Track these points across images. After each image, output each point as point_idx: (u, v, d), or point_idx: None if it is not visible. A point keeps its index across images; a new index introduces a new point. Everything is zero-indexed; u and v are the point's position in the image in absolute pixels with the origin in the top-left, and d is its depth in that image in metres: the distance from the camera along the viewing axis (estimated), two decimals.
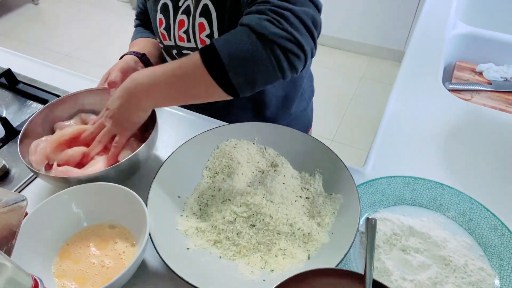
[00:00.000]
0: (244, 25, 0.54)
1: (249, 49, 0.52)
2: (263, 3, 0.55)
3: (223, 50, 0.53)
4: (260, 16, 0.53)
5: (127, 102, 0.60)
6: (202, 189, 0.63)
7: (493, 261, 0.55)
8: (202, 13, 0.69)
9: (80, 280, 0.51)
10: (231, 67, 0.53)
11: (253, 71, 0.54)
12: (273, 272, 0.52)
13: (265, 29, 0.52)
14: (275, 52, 0.53)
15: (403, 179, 0.64)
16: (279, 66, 0.54)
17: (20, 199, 0.49)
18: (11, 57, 0.97)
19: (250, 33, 0.52)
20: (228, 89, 0.55)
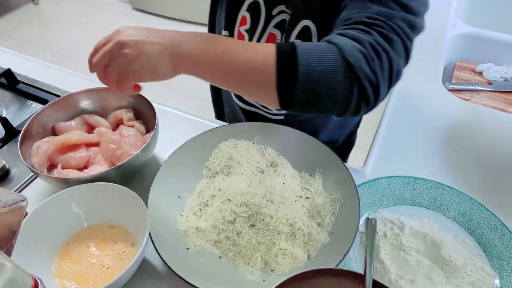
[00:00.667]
0: (334, 45, 0.47)
1: (329, 71, 0.46)
2: (364, 32, 0.49)
3: (303, 59, 0.46)
4: (356, 45, 0.47)
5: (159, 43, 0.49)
6: (202, 189, 0.63)
7: (493, 261, 0.55)
8: (299, 35, 0.63)
9: (80, 280, 0.51)
10: (303, 81, 0.46)
11: (319, 95, 0.47)
12: (273, 272, 0.52)
13: (356, 61, 0.46)
14: (352, 89, 0.47)
15: (403, 179, 0.64)
16: (347, 103, 0.48)
17: (20, 199, 0.49)
18: (11, 57, 0.97)
19: (337, 56, 0.46)
20: (284, 100, 0.48)
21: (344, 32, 0.50)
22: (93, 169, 0.62)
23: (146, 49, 0.49)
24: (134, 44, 0.49)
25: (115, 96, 0.71)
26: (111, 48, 0.50)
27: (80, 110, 0.71)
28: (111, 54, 0.50)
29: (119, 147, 0.63)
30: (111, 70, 0.50)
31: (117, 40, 0.49)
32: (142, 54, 0.49)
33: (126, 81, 0.51)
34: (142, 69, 0.49)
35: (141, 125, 0.69)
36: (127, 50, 0.49)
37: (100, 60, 0.51)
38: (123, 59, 0.49)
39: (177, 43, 0.49)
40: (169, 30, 0.51)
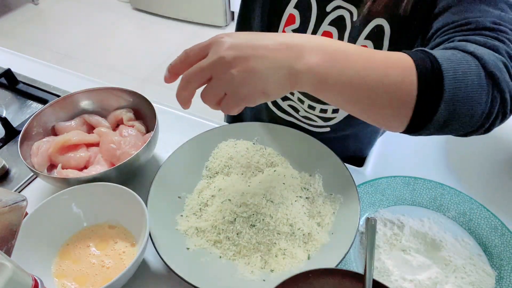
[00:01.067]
0: (469, 54, 0.40)
1: (474, 86, 0.39)
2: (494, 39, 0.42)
3: (449, 74, 0.38)
4: (496, 55, 0.41)
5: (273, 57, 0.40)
6: (202, 189, 0.63)
7: (493, 261, 0.55)
8: (370, 35, 0.56)
9: (80, 280, 0.51)
10: (448, 100, 0.38)
11: (460, 114, 0.40)
12: (273, 272, 0.52)
13: (500, 73, 0.39)
14: (494, 104, 0.40)
15: (403, 179, 0.64)
16: (484, 121, 0.41)
17: (20, 199, 0.49)
18: (11, 57, 0.97)
19: (479, 68, 0.39)
20: (417, 123, 0.41)
21: (470, 38, 0.43)
22: (93, 169, 0.62)
23: (257, 67, 0.39)
24: (242, 61, 0.39)
25: (115, 96, 0.71)
26: (212, 65, 0.40)
27: (80, 110, 0.71)
28: (212, 72, 0.40)
29: (119, 147, 0.63)
30: (211, 91, 0.42)
31: (219, 55, 0.39)
32: (252, 75, 0.39)
33: (231, 105, 0.42)
34: (252, 93, 0.41)
35: (141, 125, 0.69)
36: (233, 71, 0.39)
37: (196, 78, 0.41)
38: (227, 82, 0.40)
39: (297, 54, 0.40)
40: (279, 34, 0.42)
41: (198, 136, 0.66)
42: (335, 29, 0.60)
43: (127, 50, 2.64)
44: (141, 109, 0.71)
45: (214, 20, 2.76)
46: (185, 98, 0.43)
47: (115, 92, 0.71)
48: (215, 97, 0.42)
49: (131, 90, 0.70)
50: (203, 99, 0.43)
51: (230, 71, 0.39)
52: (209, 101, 0.43)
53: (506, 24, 0.43)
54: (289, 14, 0.61)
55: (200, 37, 2.75)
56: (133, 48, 2.67)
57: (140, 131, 0.68)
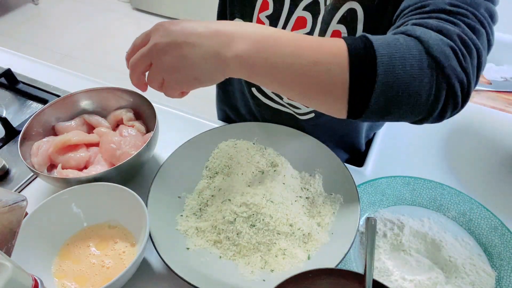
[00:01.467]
0: (415, 38, 0.39)
1: (413, 71, 0.38)
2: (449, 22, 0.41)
3: (383, 58, 0.38)
4: (443, 38, 0.39)
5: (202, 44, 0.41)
6: (202, 189, 0.63)
7: (493, 261, 0.55)
8: (343, 19, 0.55)
9: (80, 280, 0.51)
10: (382, 84, 0.38)
11: (399, 100, 0.39)
12: (273, 272, 0.52)
13: (446, 58, 0.38)
14: (439, 91, 0.39)
15: (403, 179, 0.64)
16: (431, 108, 0.40)
17: (20, 199, 0.49)
18: (11, 57, 0.97)
19: (422, 52, 0.38)
20: (355, 108, 0.40)
21: (422, 22, 0.41)
22: (93, 169, 0.62)
23: (187, 55, 0.41)
24: (174, 48, 0.41)
25: (115, 96, 0.71)
26: (149, 51, 0.43)
27: (80, 110, 0.71)
28: (150, 59, 0.43)
29: (119, 147, 0.63)
30: (151, 76, 0.44)
31: (154, 42, 0.42)
32: (184, 61, 0.41)
33: (169, 89, 0.45)
34: (185, 78, 0.43)
35: (141, 125, 0.69)
36: (167, 57, 0.42)
37: (138, 64, 0.44)
38: (163, 67, 0.43)
39: (226, 41, 0.41)
40: (214, 22, 0.43)
41: (198, 136, 0.66)
42: (310, 14, 0.58)
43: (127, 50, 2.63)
44: (141, 109, 0.71)
45: (214, 20, 2.75)
46: (137, 83, 0.46)
47: (115, 92, 0.71)
48: (155, 82, 0.45)
49: (131, 90, 0.70)
50: (148, 83, 0.46)
51: (163, 57, 0.42)
52: (152, 85, 0.46)
53: (465, 6, 0.42)
54: (262, 0, 0.60)
55: None
56: None
57: (140, 131, 0.68)
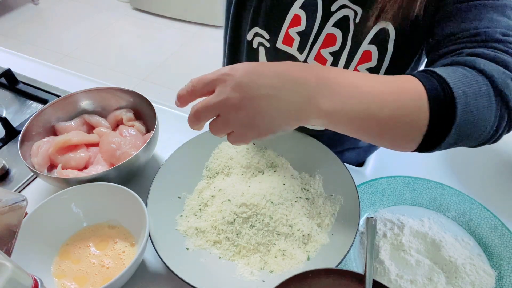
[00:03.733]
0: (480, 72, 0.40)
1: (485, 110, 0.39)
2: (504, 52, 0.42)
3: (461, 100, 0.38)
4: (505, 72, 0.41)
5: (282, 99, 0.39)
6: (202, 189, 0.63)
7: (493, 261, 0.55)
8: (374, 39, 0.54)
9: (80, 280, 0.51)
10: (458, 125, 0.39)
11: (469, 135, 0.41)
12: (272, 272, 0.52)
13: (510, 91, 0.40)
14: (501, 122, 0.41)
15: (403, 179, 0.64)
16: (491, 137, 0.42)
17: (20, 199, 0.49)
18: (11, 57, 0.97)
19: (489, 88, 0.39)
20: (425, 147, 0.42)
21: (479, 52, 0.42)
22: (93, 169, 0.62)
23: (264, 110, 0.39)
24: (248, 103, 0.39)
25: (115, 96, 0.71)
26: (219, 105, 0.40)
27: (80, 110, 0.71)
28: (219, 111, 0.41)
29: (119, 147, 0.63)
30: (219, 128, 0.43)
31: (225, 96, 0.40)
32: (260, 117, 0.40)
33: (237, 140, 0.43)
34: (259, 133, 0.41)
35: (141, 125, 0.69)
36: (240, 114, 0.40)
37: (204, 114, 0.42)
38: (235, 122, 0.41)
39: (305, 95, 0.39)
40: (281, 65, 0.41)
41: (198, 136, 0.66)
42: (339, 31, 0.57)
43: (127, 50, 2.64)
44: (141, 109, 0.71)
45: (214, 20, 2.76)
46: (196, 129, 0.45)
47: (115, 92, 0.71)
48: (222, 132, 0.43)
49: (131, 90, 0.70)
50: (211, 130, 0.44)
51: (237, 114, 0.40)
52: (216, 134, 0.44)
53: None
54: (294, 15, 0.57)
55: (200, 37, 2.75)
56: (133, 48, 2.67)
57: (140, 131, 0.68)
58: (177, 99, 0.45)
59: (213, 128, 0.43)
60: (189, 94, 0.43)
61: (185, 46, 2.67)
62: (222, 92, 0.40)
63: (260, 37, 0.61)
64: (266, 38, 0.61)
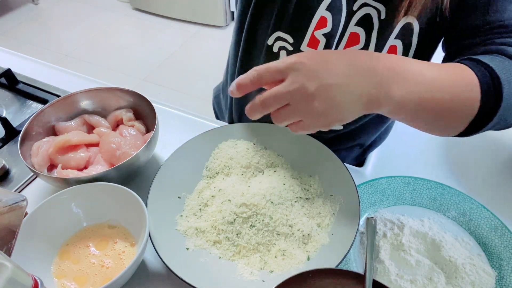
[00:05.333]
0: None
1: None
2: None
3: (505, 87, 0.42)
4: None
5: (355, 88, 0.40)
6: (202, 189, 0.63)
7: (493, 261, 0.55)
8: (400, 34, 0.55)
9: (80, 280, 0.51)
10: (503, 109, 0.43)
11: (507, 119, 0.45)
12: (272, 273, 0.52)
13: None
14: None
15: (403, 179, 0.64)
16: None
17: (20, 199, 0.49)
18: (11, 57, 0.97)
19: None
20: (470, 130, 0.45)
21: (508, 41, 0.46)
22: (93, 169, 0.62)
23: (337, 98, 0.39)
24: (322, 92, 0.39)
25: (115, 96, 0.71)
26: (292, 94, 0.40)
27: (80, 110, 0.71)
28: (290, 100, 0.41)
29: (119, 147, 0.63)
30: (286, 117, 0.42)
31: (300, 85, 0.39)
32: (334, 107, 0.40)
33: (304, 129, 0.43)
34: (330, 122, 0.41)
35: (141, 125, 0.69)
36: (316, 102, 0.39)
37: (273, 103, 0.41)
38: (308, 112, 0.41)
39: (377, 82, 0.40)
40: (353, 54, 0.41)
41: (198, 136, 0.66)
42: (362, 30, 0.57)
43: (127, 50, 2.64)
44: (141, 109, 0.71)
45: (214, 20, 2.76)
46: (257, 117, 0.44)
47: (115, 92, 0.71)
48: (289, 121, 0.43)
49: (131, 90, 0.70)
50: (275, 119, 0.43)
51: (312, 103, 0.40)
52: (281, 123, 0.44)
53: None
54: (320, 17, 0.56)
55: (200, 37, 2.75)
56: (133, 48, 2.67)
57: (140, 131, 0.68)
58: (237, 87, 0.44)
59: (280, 117, 0.43)
60: (253, 83, 0.42)
61: (185, 46, 2.67)
62: (296, 81, 0.39)
63: (283, 41, 0.61)
64: (289, 42, 0.60)
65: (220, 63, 0.80)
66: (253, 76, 0.42)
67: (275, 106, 0.42)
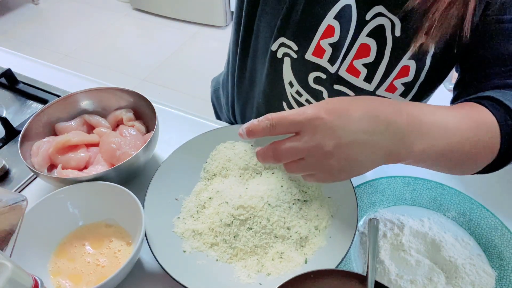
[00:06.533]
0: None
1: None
2: None
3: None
4: None
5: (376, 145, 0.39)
6: (200, 191, 0.62)
7: (493, 261, 0.55)
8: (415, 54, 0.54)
9: (75, 278, 0.51)
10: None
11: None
12: (269, 275, 0.52)
13: None
14: None
15: (403, 179, 0.64)
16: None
17: (20, 199, 0.49)
18: (11, 57, 0.97)
19: None
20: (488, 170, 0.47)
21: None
22: (93, 169, 0.62)
23: (355, 156, 0.39)
24: (341, 150, 0.38)
25: (115, 96, 0.71)
26: (308, 150, 0.39)
27: (80, 110, 0.71)
28: (304, 155, 0.40)
29: (119, 147, 0.63)
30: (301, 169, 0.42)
31: (317, 143, 0.38)
32: (352, 164, 0.39)
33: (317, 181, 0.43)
34: (346, 177, 0.41)
35: (141, 125, 0.69)
36: (333, 161, 0.39)
37: (287, 156, 0.41)
38: (324, 169, 0.40)
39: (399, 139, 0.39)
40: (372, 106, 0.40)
41: (196, 138, 0.66)
42: (374, 41, 0.55)
43: (127, 50, 2.64)
44: (141, 109, 0.71)
45: (214, 20, 2.76)
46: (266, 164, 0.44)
47: (115, 92, 0.71)
48: (302, 173, 0.43)
49: (131, 90, 0.70)
50: (287, 170, 0.43)
51: (326, 161, 0.39)
52: (293, 173, 0.44)
53: None
54: (327, 26, 0.54)
55: (200, 37, 2.75)
56: (133, 48, 2.67)
57: (140, 131, 0.68)
58: (247, 133, 0.43)
59: (293, 169, 0.42)
60: (265, 132, 0.41)
61: (185, 46, 2.67)
62: (313, 138, 0.39)
63: (287, 47, 0.59)
64: (293, 49, 0.58)
65: (220, 63, 0.80)
66: (266, 126, 0.41)
67: (289, 158, 0.41)
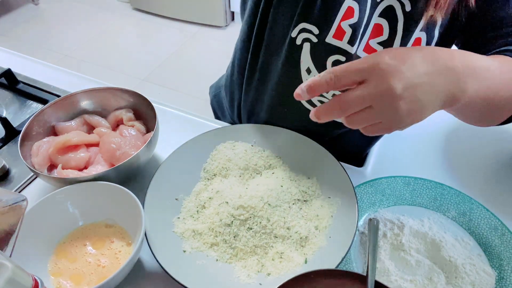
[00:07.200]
0: None
1: None
2: None
3: None
4: None
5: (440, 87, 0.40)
6: (200, 191, 0.62)
7: (493, 261, 0.55)
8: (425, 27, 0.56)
9: (76, 278, 0.51)
10: None
11: None
12: (269, 275, 0.52)
13: None
14: None
15: (403, 179, 0.64)
16: None
17: (20, 199, 0.49)
18: (11, 57, 0.97)
19: None
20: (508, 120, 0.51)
21: None
22: (93, 169, 0.62)
23: (422, 98, 0.39)
24: (409, 92, 0.38)
25: (115, 96, 0.71)
26: (378, 96, 0.38)
27: (80, 110, 0.71)
28: (375, 102, 0.39)
29: (119, 147, 0.63)
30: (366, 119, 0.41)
31: (387, 87, 0.38)
32: (418, 106, 0.40)
33: (380, 131, 0.42)
34: (411, 122, 0.41)
35: (141, 125, 0.69)
36: (401, 103, 0.38)
37: (355, 106, 0.40)
38: (392, 113, 0.39)
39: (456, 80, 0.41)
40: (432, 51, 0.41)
41: (196, 137, 0.66)
42: (386, 21, 0.57)
43: (127, 50, 2.64)
44: (141, 109, 0.71)
45: (214, 20, 2.76)
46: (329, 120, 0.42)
47: (115, 92, 0.71)
48: (367, 124, 0.41)
49: (131, 90, 0.70)
50: (351, 123, 0.42)
51: (398, 104, 0.38)
52: (357, 126, 0.42)
53: None
54: (347, 7, 0.55)
55: (200, 37, 2.75)
56: (133, 48, 2.67)
57: (140, 131, 0.68)
58: (308, 90, 0.41)
59: (359, 120, 0.41)
60: (329, 84, 0.40)
61: (185, 46, 2.67)
62: (382, 82, 0.38)
63: (308, 32, 0.59)
64: (314, 33, 0.59)
65: (220, 63, 0.80)
66: (330, 79, 0.40)
67: (356, 109, 0.40)
